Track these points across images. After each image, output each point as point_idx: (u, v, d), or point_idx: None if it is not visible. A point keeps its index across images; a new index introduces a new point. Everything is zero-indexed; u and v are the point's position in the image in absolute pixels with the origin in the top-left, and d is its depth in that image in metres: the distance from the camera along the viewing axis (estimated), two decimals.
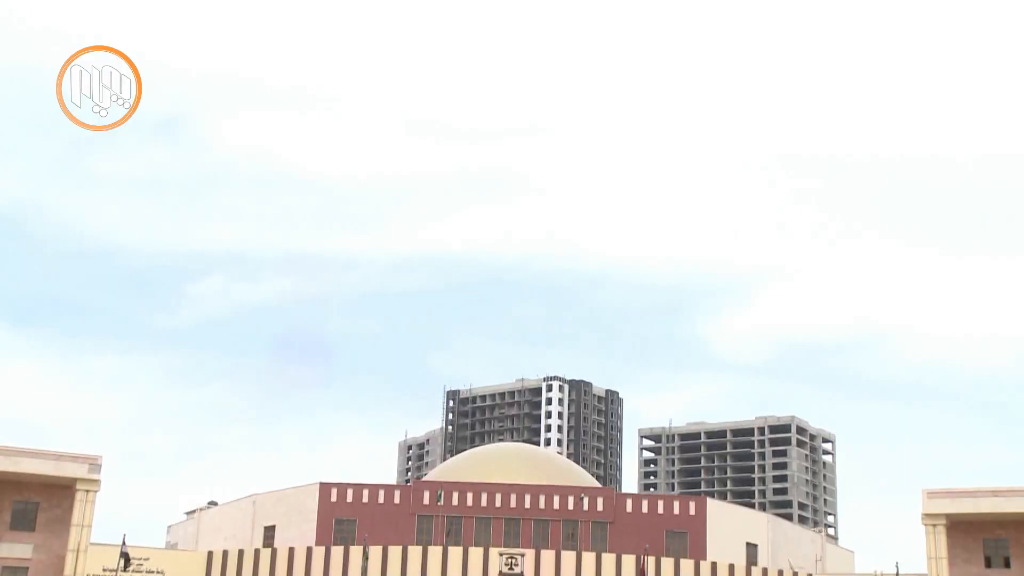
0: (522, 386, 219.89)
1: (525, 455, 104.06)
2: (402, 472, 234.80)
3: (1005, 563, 74.89)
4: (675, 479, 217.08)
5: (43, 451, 74.72)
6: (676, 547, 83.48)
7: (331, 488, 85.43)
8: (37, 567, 73.55)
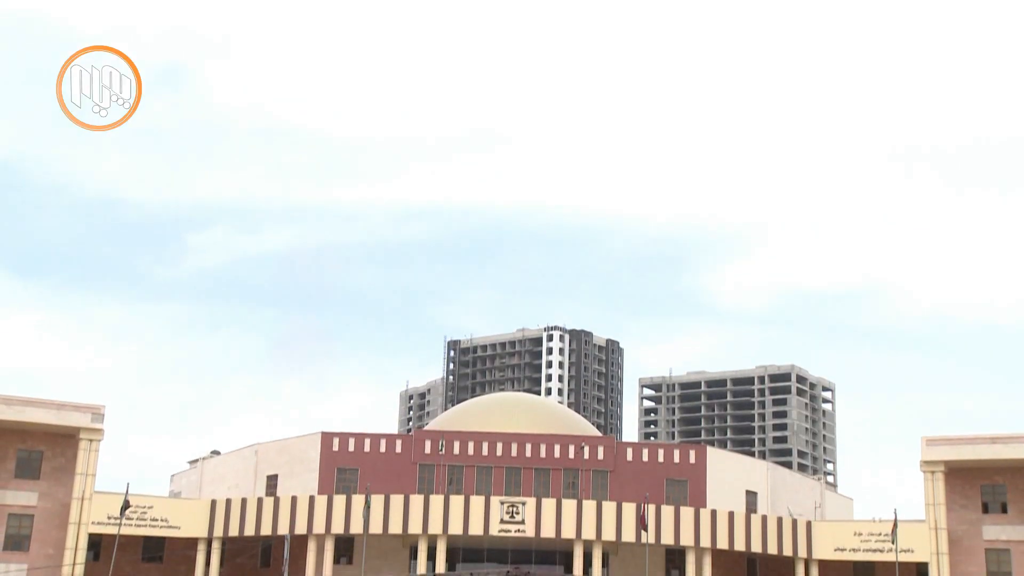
0: (523, 336, 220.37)
1: (526, 404, 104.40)
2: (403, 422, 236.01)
3: (1002, 509, 75.69)
4: (675, 428, 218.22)
5: (46, 401, 75.29)
6: (676, 495, 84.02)
7: (333, 437, 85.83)
8: (42, 514, 74.29)
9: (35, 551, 73.34)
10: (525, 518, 77.25)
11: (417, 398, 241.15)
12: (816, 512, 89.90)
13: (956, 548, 75.30)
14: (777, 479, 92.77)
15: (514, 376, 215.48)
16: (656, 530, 77.25)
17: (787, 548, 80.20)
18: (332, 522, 77.78)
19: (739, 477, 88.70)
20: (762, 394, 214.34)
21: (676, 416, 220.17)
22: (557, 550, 79.44)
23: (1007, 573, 74.51)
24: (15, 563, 72.58)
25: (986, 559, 75.07)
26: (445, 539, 77.37)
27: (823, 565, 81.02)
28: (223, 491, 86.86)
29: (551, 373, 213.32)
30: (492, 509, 77.45)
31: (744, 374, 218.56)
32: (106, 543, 74.70)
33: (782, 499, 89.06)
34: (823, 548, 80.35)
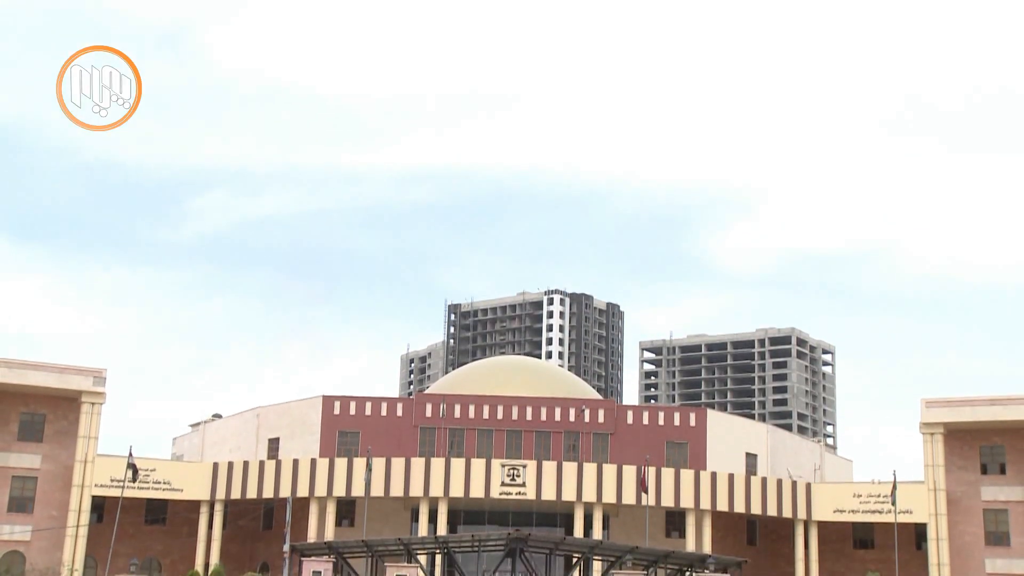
0: (523, 299, 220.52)
1: (526, 368, 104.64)
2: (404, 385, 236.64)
3: (1000, 469, 76.24)
4: (676, 391, 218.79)
5: (48, 364, 75.66)
6: (676, 458, 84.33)
7: (334, 401, 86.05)
8: (46, 477, 74.80)
9: (39, 513, 73.85)
10: (526, 481, 77.60)
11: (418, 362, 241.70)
12: (816, 474, 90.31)
13: (954, 509, 75.82)
14: (777, 441, 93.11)
15: (515, 340, 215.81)
16: (656, 492, 77.63)
17: (787, 510, 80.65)
18: (334, 485, 78.15)
19: (739, 440, 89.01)
20: (762, 357, 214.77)
21: (676, 379, 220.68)
22: (558, 512, 79.86)
23: (1005, 533, 75.14)
24: (19, 524, 73.10)
25: (984, 519, 75.67)
26: (446, 501, 77.77)
27: (822, 526, 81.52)
28: (225, 454, 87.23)
29: (552, 336, 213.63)
30: (493, 472, 77.81)
31: (744, 337, 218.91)
32: (109, 505, 75.15)
33: (782, 461, 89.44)
34: (822, 510, 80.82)
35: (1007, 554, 74.75)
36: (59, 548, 72.24)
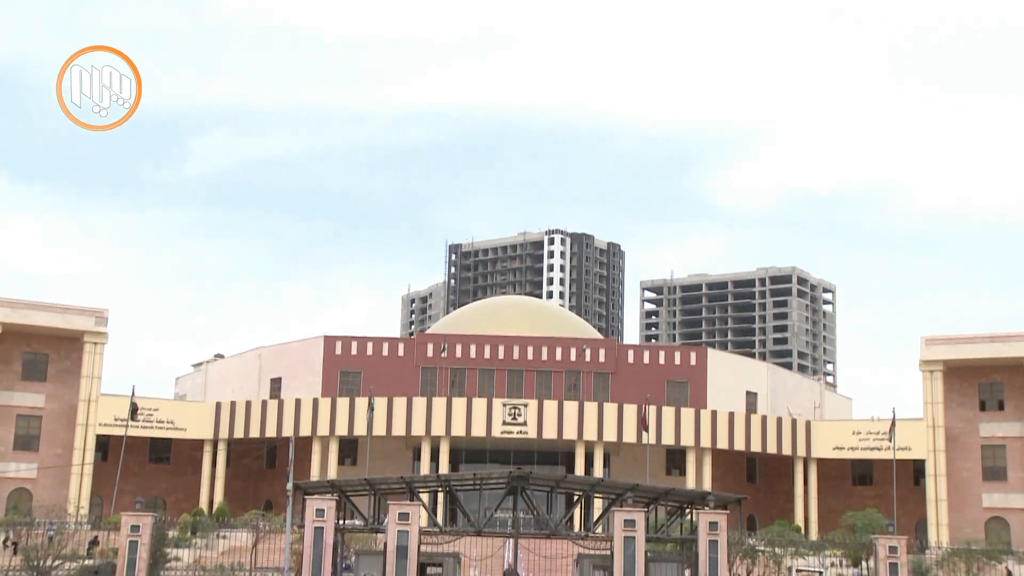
0: (524, 239, 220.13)
1: (527, 308, 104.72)
2: (405, 325, 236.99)
3: (999, 406, 76.76)
4: (676, 330, 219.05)
5: (50, 304, 75.87)
6: (677, 396, 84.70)
7: (335, 341, 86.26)
8: (50, 416, 75.34)
9: (44, 451, 74.48)
10: (527, 420, 78.01)
11: (419, 302, 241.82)
12: (815, 412, 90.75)
13: (953, 445, 76.39)
14: (777, 380, 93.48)
15: (515, 280, 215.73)
16: (657, 431, 78.06)
17: (786, 447, 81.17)
18: (336, 424, 78.60)
19: (739, 378, 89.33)
20: (763, 296, 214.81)
21: (677, 318, 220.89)
22: (559, 451, 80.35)
23: (1002, 468, 75.81)
24: (25, 462, 73.77)
25: (982, 455, 76.33)
26: (448, 441, 78.25)
27: (821, 463, 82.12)
28: (227, 394, 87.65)
29: (552, 276, 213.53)
30: (494, 411, 78.19)
31: (745, 276, 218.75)
32: (114, 444, 75.70)
33: (782, 400, 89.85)
34: (822, 447, 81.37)
35: (1004, 489, 75.48)
36: (65, 486, 72.89)
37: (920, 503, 77.11)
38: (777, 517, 74.94)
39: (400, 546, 38.15)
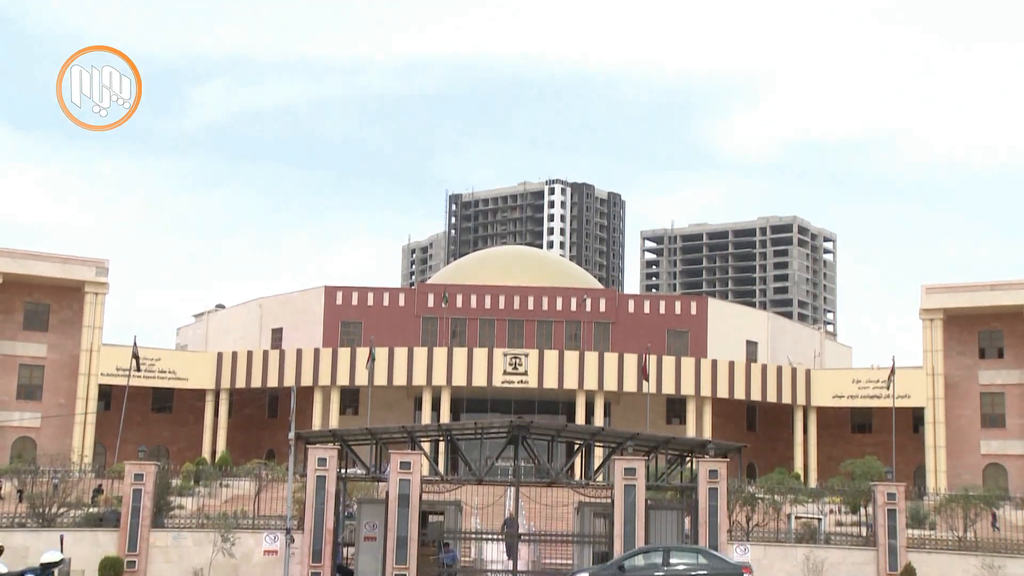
0: (524, 189, 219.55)
1: (528, 258, 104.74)
2: (406, 276, 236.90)
3: (999, 354, 77.01)
4: (677, 280, 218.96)
5: (51, 254, 75.94)
6: (677, 346, 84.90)
7: (336, 291, 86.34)
8: (52, 365, 75.63)
9: (47, 400, 74.88)
10: (528, 369, 78.25)
11: (419, 252, 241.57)
12: (815, 361, 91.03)
13: (952, 392, 76.71)
14: (777, 329, 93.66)
15: (516, 230, 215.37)
16: (657, 380, 78.33)
17: (786, 396, 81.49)
18: (337, 374, 78.87)
19: (740, 327, 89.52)
20: (763, 245, 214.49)
21: (678, 268, 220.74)
22: (560, 400, 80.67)
23: (1000, 415, 76.22)
24: (29, 411, 74.19)
25: (980, 402, 76.72)
26: (449, 390, 78.54)
27: (821, 412, 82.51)
28: (229, 344, 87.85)
29: (553, 226, 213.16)
30: (495, 361, 78.40)
31: (746, 225, 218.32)
32: (116, 393, 76.00)
33: (782, 349, 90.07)
34: (821, 395, 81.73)
35: (1002, 435, 75.93)
36: (68, 435, 73.30)
37: (919, 450, 77.56)
38: (777, 465, 75.39)
39: (402, 495, 38.36)
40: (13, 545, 35.41)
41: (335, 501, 39.00)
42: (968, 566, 39.43)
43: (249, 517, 42.32)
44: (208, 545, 37.85)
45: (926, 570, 39.16)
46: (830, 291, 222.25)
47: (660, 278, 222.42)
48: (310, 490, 38.85)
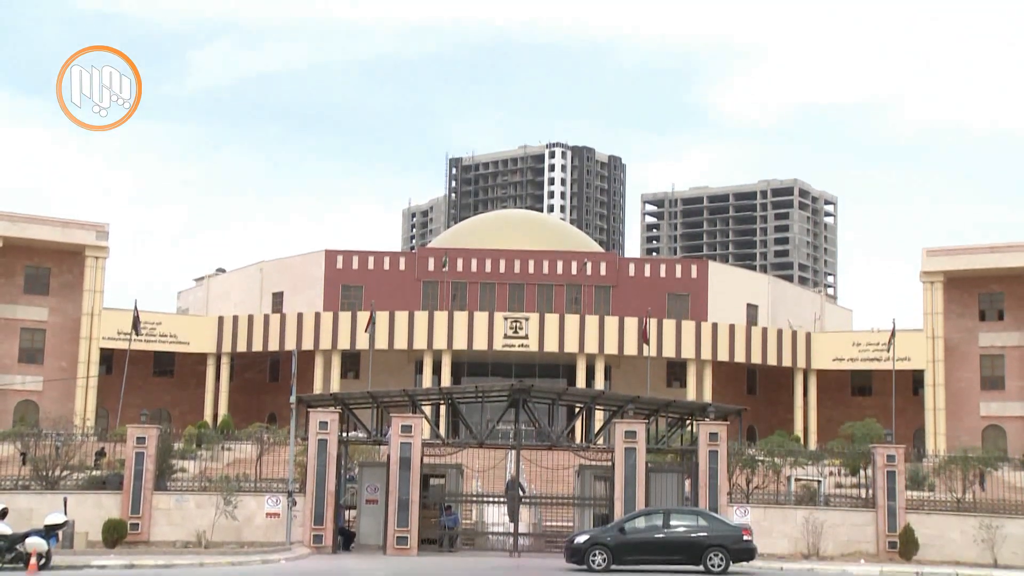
0: (525, 153, 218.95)
1: (528, 221, 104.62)
2: (406, 240, 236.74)
3: (999, 316, 77.15)
4: (677, 243, 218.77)
5: (51, 218, 75.95)
6: (678, 309, 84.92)
7: (337, 255, 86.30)
8: (54, 329, 75.80)
9: (49, 364, 75.08)
10: (528, 333, 78.34)
11: (419, 216, 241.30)
12: (816, 324, 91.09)
13: (952, 355, 76.87)
14: (778, 292, 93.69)
15: (516, 193, 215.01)
16: (658, 344, 78.44)
17: (786, 359, 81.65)
18: (338, 338, 79.00)
19: (740, 291, 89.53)
20: (764, 208, 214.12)
21: (678, 231, 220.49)
22: (560, 364, 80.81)
23: (1000, 377, 76.46)
24: (31, 375, 74.41)
25: (980, 364, 76.90)
26: (450, 354, 78.66)
27: (821, 375, 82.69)
28: (229, 308, 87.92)
29: (553, 190, 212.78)
30: (496, 325, 78.49)
31: (746, 189, 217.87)
32: (117, 357, 76.16)
33: (782, 312, 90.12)
34: (821, 358, 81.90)
35: (1001, 397, 76.18)
36: (70, 399, 73.51)
37: (918, 413, 77.78)
38: (777, 428, 75.63)
39: (403, 458, 38.55)
40: (17, 507, 35.62)
41: (336, 464, 39.18)
42: (966, 527, 39.66)
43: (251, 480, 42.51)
44: (210, 508, 38.05)
45: (925, 531, 39.40)
46: (831, 254, 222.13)
47: (660, 241, 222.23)
48: (312, 453, 39.02)
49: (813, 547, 38.90)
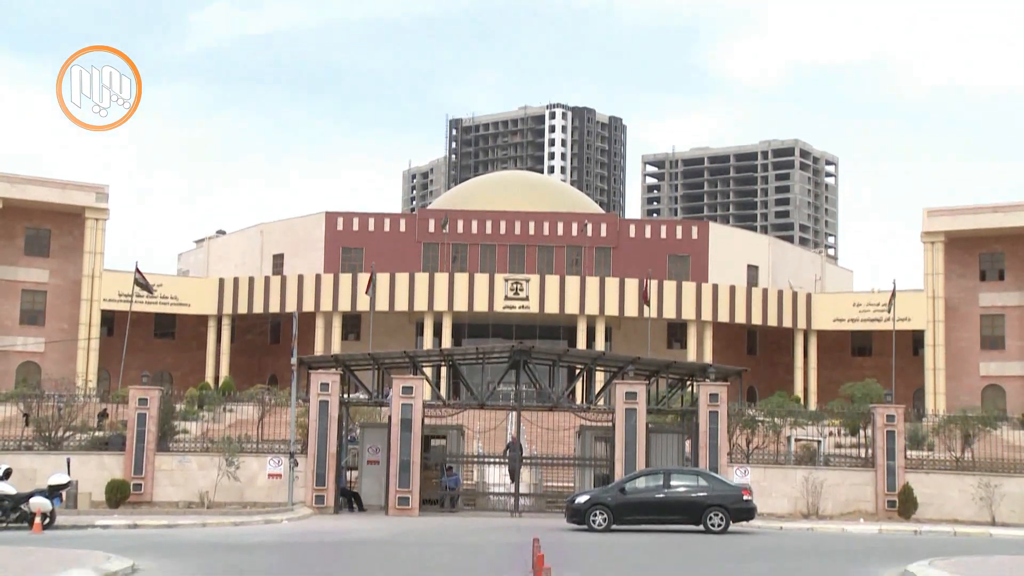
0: (525, 114, 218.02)
1: (529, 183, 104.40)
2: (407, 201, 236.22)
3: (999, 276, 77.14)
4: (678, 204, 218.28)
5: (50, 180, 75.81)
6: (678, 270, 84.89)
7: (337, 217, 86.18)
8: (54, 291, 75.87)
9: (50, 326, 75.20)
10: (529, 295, 78.37)
11: (420, 177, 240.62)
12: (816, 285, 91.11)
13: (952, 315, 76.91)
14: (778, 253, 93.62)
15: (516, 155, 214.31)
16: (658, 305, 78.49)
17: (787, 320, 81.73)
18: (339, 300, 79.05)
19: (741, 252, 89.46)
20: (765, 169, 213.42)
21: (679, 192, 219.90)
22: (561, 325, 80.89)
23: (1000, 337, 76.56)
24: (32, 337, 74.51)
25: (980, 324, 76.98)
26: (450, 316, 78.74)
27: (821, 335, 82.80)
28: (230, 270, 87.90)
29: (553, 151, 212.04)
30: (496, 286, 78.51)
31: (747, 149, 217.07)
32: (118, 319, 76.27)
33: (783, 273, 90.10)
34: (822, 319, 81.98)
35: (1001, 357, 76.31)
36: (72, 360, 73.67)
37: (918, 373, 77.94)
38: (777, 388, 75.80)
39: (404, 419, 38.67)
40: (21, 467, 35.79)
41: (338, 425, 39.32)
42: (965, 486, 39.84)
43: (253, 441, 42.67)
44: (213, 469, 38.22)
45: (923, 490, 39.60)
46: (831, 215, 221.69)
47: (661, 203, 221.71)
48: (313, 415, 39.16)
49: (813, 507, 39.11)
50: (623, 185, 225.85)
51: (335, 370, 40.50)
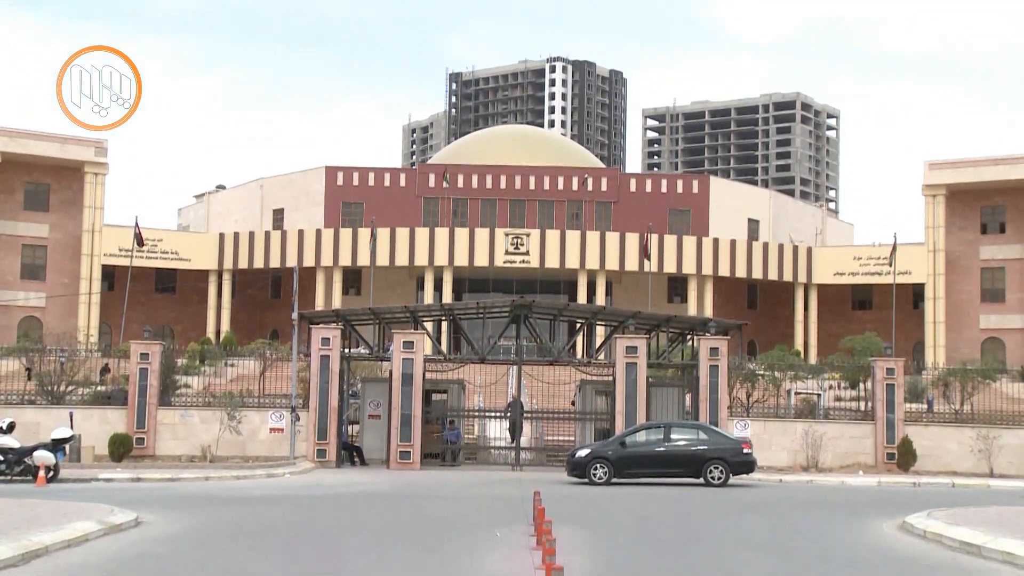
0: (525, 68, 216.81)
1: (529, 137, 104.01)
2: (407, 156, 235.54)
3: (1000, 229, 77.07)
4: (679, 158, 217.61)
5: (49, 134, 75.49)
6: (679, 224, 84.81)
7: (337, 171, 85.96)
8: (55, 246, 75.87)
9: (51, 280, 75.25)
10: (530, 249, 78.33)
11: (420, 132, 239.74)
12: (817, 238, 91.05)
13: (952, 268, 76.90)
14: (779, 207, 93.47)
15: (517, 108, 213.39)
16: (659, 259, 78.47)
17: (787, 274, 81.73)
18: (339, 255, 79.01)
19: (741, 206, 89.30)
20: (766, 122, 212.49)
21: (679, 146, 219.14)
22: (561, 280, 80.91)
23: (1000, 290, 76.59)
24: (33, 291, 74.55)
25: (981, 277, 76.99)
26: (451, 270, 78.76)
27: (822, 289, 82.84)
28: (230, 225, 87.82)
29: (554, 105, 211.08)
30: (497, 241, 78.45)
31: (748, 103, 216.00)
32: (119, 274, 76.32)
33: (784, 227, 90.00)
34: (823, 273, 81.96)
35: (1001, 310, 76.40)
36: (73, 315, 73.78)
37: (918, 326, 78.06)
38: (777, 342, 75.96)
39: (405, 374, 38.77)
40: (24, 421, 35.94)
41: (339, 380, 39.43)
42: (963, 438, 40.00)
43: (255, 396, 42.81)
44: (215, 423, 38.37)
45: (922, 442, 39.76)
46: (832, 168, 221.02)
47: (662, 157, 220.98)
48: (314, 369, 39.26)
49: (812, 459, 39.29)
50: (623, 139, 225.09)
51: (336, 325, 40.58)
